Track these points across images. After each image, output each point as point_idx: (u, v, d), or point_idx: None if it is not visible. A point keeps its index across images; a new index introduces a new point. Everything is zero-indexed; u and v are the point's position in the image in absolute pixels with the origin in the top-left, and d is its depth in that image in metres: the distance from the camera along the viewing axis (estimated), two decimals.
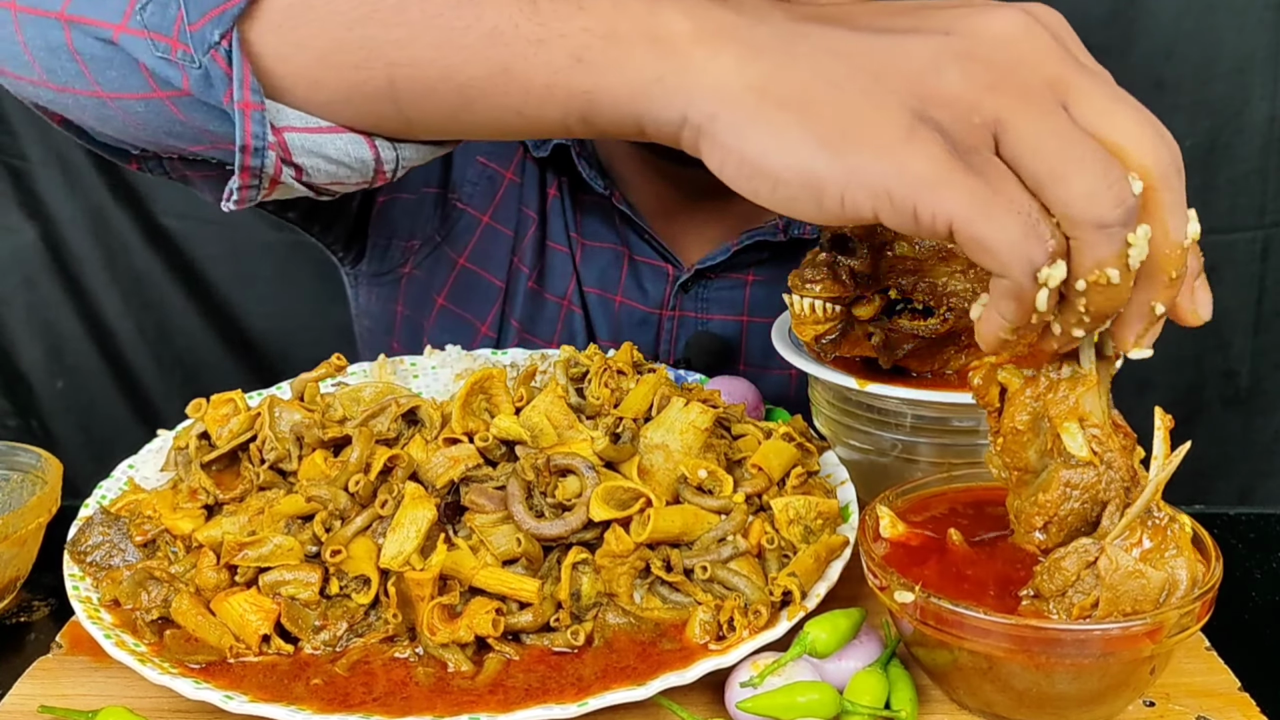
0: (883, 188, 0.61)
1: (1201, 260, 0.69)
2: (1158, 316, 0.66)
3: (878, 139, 0.62)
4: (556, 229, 1.33)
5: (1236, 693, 0.82)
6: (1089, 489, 0.73)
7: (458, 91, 0.74)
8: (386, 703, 0.78)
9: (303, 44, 0.76)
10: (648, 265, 1.31)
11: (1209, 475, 2.06)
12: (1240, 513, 1.09)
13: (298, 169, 0.80)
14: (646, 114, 0.69)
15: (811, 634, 0.81)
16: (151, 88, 0.79)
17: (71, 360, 2.08)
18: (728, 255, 1.27)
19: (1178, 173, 0.64)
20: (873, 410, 0.98)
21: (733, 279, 1.29)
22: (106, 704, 0.80)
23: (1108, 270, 0.61)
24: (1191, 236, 0.64)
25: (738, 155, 0.66)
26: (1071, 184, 0.60)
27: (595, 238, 1.33)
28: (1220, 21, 1.85)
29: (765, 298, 1.29)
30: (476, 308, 1.35)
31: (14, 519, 0.94)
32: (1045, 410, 0.73)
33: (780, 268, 1.28)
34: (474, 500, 0.87)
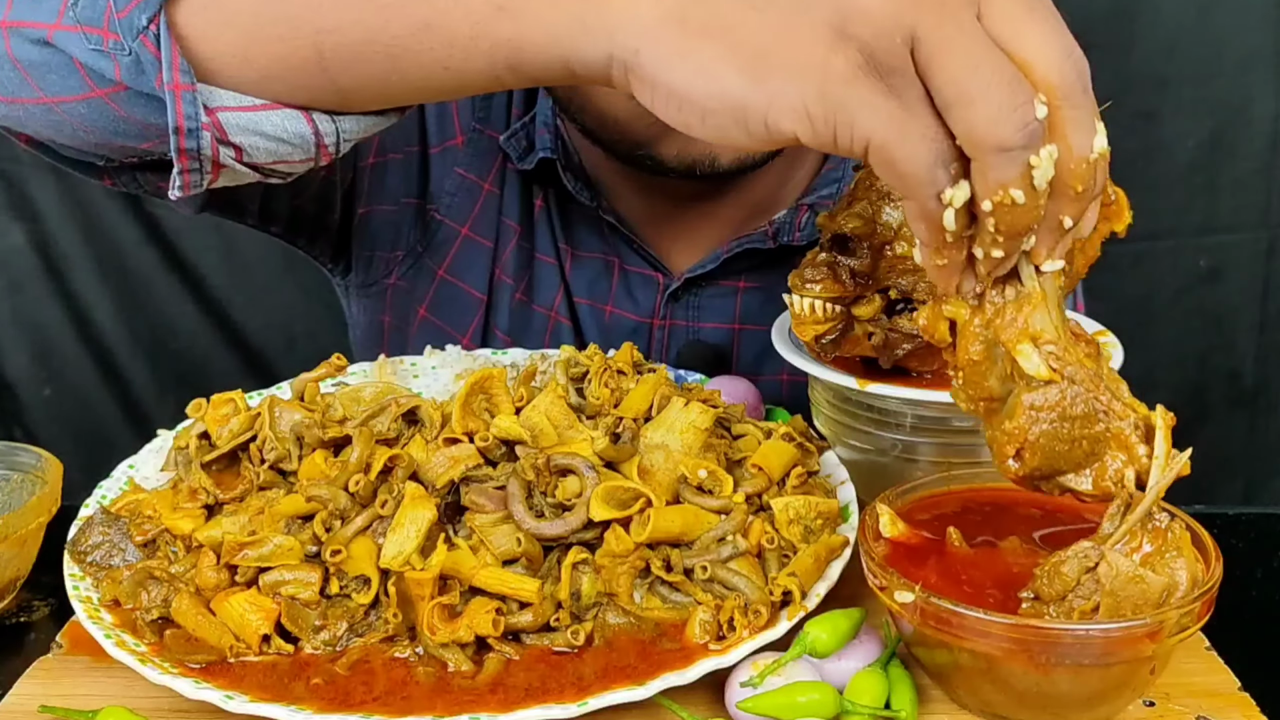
0: (804, 110, 0.62)
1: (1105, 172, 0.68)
2: (1067, 230, 0.67)
3: (798, 60, 0.63)
4: (543, 240, 1.33)
5: (1236, 693, 0.82)
6: (1055, 407, 0.72)
7: (384, 53, 0.75)
8: (387, 702, 0.78)
9: (229, 21, 0.77)
10: (638, 274, 1.30)
11: (1214, 475, 2.06)
12: (1241, 512, 1.09)
13: (236, 149, 0.81)
14: (573, 56, 0.70)
15: (811, 634, 0.81)
16: (89, 86, 0.81)
17: (60, 365, 2.05)
18: (717, 263, 1.26)
19: (1084, 89, 0.63)
20: (873, 410, 0.98)
21: (724, 286, 1.29)
22: (106, 704, 0.80)
23: (1012, 191, 0.62)
24: (1098, 151, 0.64)
25: (665, 89, 0.66)
26: (975, 108, 0.61)
27: (584, 248, 1.32)
28: (1223, 19, 1.85)
29: (757, 305, 1.29)
30: (456, 319, 1.35)
31: (14, 519, 0.94)
32: (997, 336, 0.72)
33: (771, 274, 1.28)
34: (474, 500, 0.87)
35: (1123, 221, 0.96)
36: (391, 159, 1.32)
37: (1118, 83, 1.87)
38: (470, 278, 1.34)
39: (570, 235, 1.32)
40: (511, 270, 1.33)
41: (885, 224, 0.90)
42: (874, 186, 0.91)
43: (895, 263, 0.90)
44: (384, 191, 1.33)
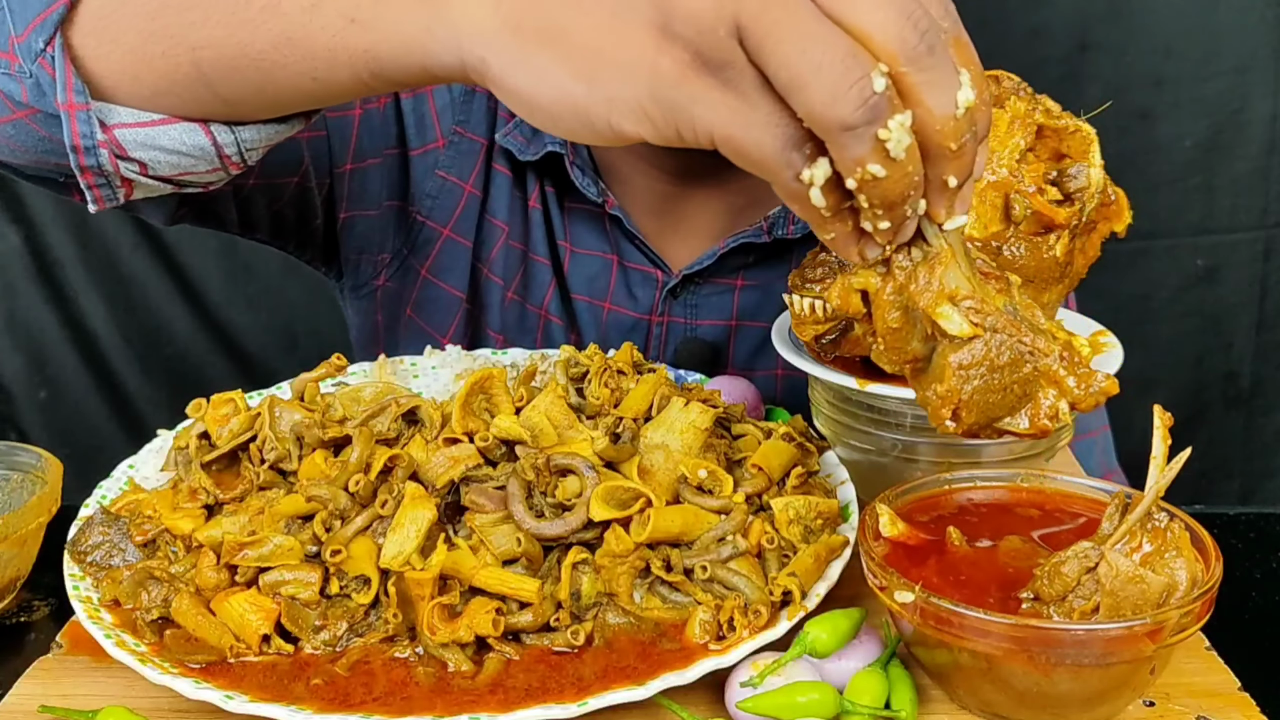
0: (642, 111, 0.63)
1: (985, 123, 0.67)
2: (953, 187, 0.65)
3: (627, 63, 0.62)
4: (537, 238, 1.33)
5: (1236, 693, 0.82)
6: (983, 362, 0.71)
7: (254, 66, 0.77)
8: (386, 702, 0.78)
9: (116, 40, 0.80)
10: (638, 271, 1.31)
11: (1211, 475, 2.07)
12: (1240, 512, 1.09)
13: (140, 164, 0.83)
14: (429, 63, 0.71)
15: (811, 634, 0.81)
16: (10, 109, 0.83)
17: (54, 369, 2.05)
18: (714, 259, 1.27)
19: (929, 49, 0.61)
20: (873, 410, 0.98)
21: (722, 284, 1.30)
22: (106, 704, 0.80)
23: (869, 167, 0.61)
24: (964, 105, 0.62)
25: (514, 94, 0.67)
26: (810, 91, 0.59)
27: (584, 245, 1.33)
28: (1221, 19, 1.85)
29: (754, 302, 1.30)
30: (438, 320, 1.35)
31: (14, 519, 0.94)
32: (913, 301, 0.71)
33: (767, 272, 1.29)
34: (474, 500, 0.87)
35: (1123, 221, 0.97)
36: (371, 164, 1.33)
37: (1115, 82, 1.87)
38: (452, 278, 1.35)
39: (570, 232, 1.33)
40: (500, 269, 1.34)
41: None
42: None
43: None
44: (365, 196, 1.34)
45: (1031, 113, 0.95)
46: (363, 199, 1.34)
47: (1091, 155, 0.94)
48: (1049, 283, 0.95)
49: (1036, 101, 0.96)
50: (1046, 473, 0.89)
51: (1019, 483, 0.89)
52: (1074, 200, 0.94)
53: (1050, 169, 0.94)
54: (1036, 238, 0.93)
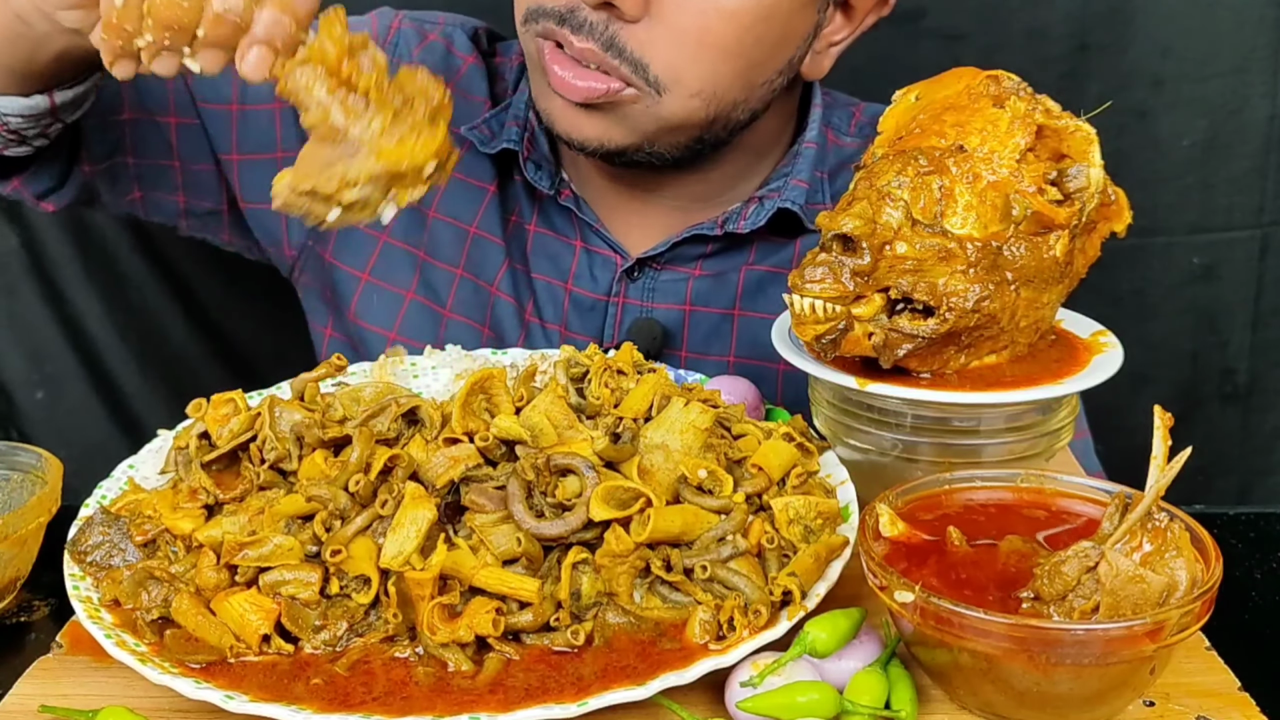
0: None
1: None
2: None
3: None
4: (491, 220, 1.37)
5: (1236, 693, 0.82)
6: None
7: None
8: (386, 702, 0.78)
9: None
10: (599, 255, 1.36)
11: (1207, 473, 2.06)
12: (1240, 512, 1.09)
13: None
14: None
15: (811, 634, 0.81)
16: None
17: (52, 369, 2.05)
18: (667, 247, 1.32)
19: None
20: (873, 410, 0.98)
21: (679, 271, 1.35)
22: (106, 704, 0.80)
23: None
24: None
25: None
26: None
27: (550, 227, 1.37)
28: (1219, 18, 1.85)
29: (708, 289, 1.34)
30: (383, 316, 1.39)
31: (14, 519, 0.94)
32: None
33: (722, 263, 1.34)
34: (474, 500, 0.87)
35: (1123, 221, 0.97)
36: (264, 158, 1.37)
37: (1115, 82, 1.87)
38: (352, 258, 1.39)
39: (538, 215, 1.38)
40: (447, 254, 1.37)
41: (885, 224, 0.90)
42: (874, 186, 0.91)
43: (895, 263, 0.90)
44: (263, 188, 1.36)
45: (1031, 113, 0.95)
46: (261, 190, 1.37)
47: (1091, 155, 0.94)
48: (1049, 283, 0.95)
49: (1036, 101, 0.96)
50: (1046, 473, 0.89)
51: (1019, 483, 0.89)
52: (1074, 200, 0.94)
53: (1050, 169, 0.94)
54: (1036, 238, 0.93)
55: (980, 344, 0.94)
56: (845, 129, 1.40)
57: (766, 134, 1.33)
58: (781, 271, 1.34)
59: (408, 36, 1.41)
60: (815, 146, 1.34)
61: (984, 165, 0.93)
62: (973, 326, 0.91)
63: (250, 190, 1.39)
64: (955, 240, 0.91)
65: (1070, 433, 0.99)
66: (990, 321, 0.92)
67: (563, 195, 1.34)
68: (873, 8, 1.28)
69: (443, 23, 1.44)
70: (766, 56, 1.19)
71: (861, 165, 0.97)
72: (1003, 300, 0.92)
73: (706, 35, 1.14)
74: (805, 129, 1.35)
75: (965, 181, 0.92)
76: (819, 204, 1.33)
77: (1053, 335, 1.01)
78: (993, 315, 0.92)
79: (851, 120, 1.41)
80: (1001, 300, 0.92)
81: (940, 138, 0.94)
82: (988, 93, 0.96)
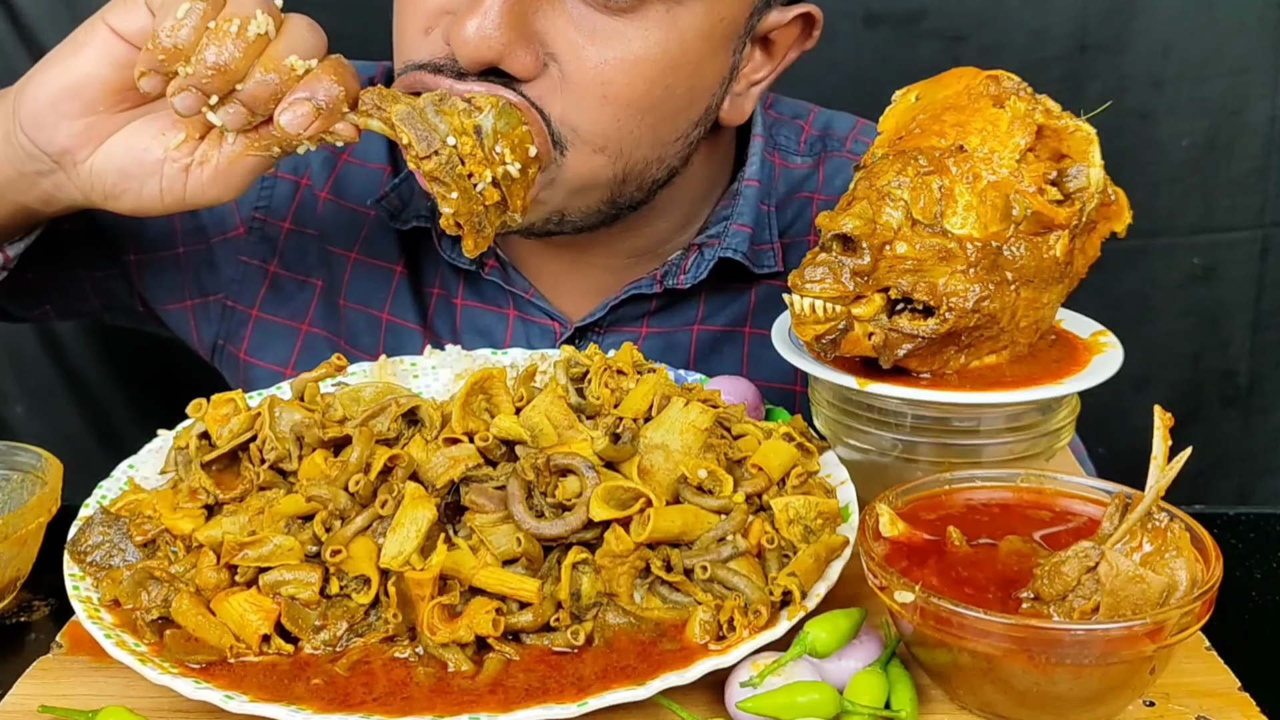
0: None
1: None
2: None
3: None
4: (403, 304, 1.31)
5: (1236, 693, 0.82)
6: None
7: None
8: (386, 703, 0.78)
9: None
10: (535, 324, 1.29)
11: (1208, 474, 2.07)
12: (1240, 512, 1.09)
13: None
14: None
15: (811, 634, 0.81)
16: None
17: (34, 383, 2.05)
18: (606, 310, 1.26)
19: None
20: (873, 410, 0.98)
21: (624, 333, 1.28)
22: (106, 704, 0.80)
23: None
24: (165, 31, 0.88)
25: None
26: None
27: (479, 299, 1.30)
28: (1220, 19, 1.85)
29: (658, 352, 1.27)
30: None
31: (14, 519, 0.94)
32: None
33: (670, 319, 1.27)
34: (474, 500, 0.87)
35: (1123, 221, 0.97)
36: (163, 255, 1.35)
37: (1115, 83, 1.87)
38: (268, 355, 1.35)
39: (463, 288, 1.31)
40: (364, 343, 1.32)
41: (885, 224, 0.90)
42: (874, 186, 0.91)
43: (895, 263, 0.90)
44: (165, 286, 1.37)
45: (1031, 113, 0.95)
46: (162, 291, 1.37)
47: (1091, 155, 0.94)
48: (1049, 283, 0.95)
49: (1036, 101, 0.96)
50: (1046, 473, 0.89)
51: (1019, 483, 0.89)
52: (1074, 200, 0.94)
53: (1050, 169, 0.95)
54: (1036, 238, 0.93)
55: (980, 344, 0.94)
56: (794, 148, 1.32)
57: (698, 182, 1.24)
58: (736, 330, 1.27)
59: None
60: (757, 184, 1.26)
61: (984, 165, 0.93)
62: (973, 326, 0.91)
63: (154, 291, 1.36)
64: (955, 240, 0.91)
65: (1070, 433, 0.99)
66: (990, 321, 0.92)
67: (487, 267, 1.27)
68: (794, 43, 1.19)
69: None
70: (678, 110, 1.10)
71: (861, 165, 0.97)
72: (1003, 300, 0.92)
73: (608, 89, 1.04)
74: (745, 163, 1.26)
75: (965, 181, 0.92)
76: (765, 244, 1.26)
77: (1053, 335, 1.01)
78: (993, 315, 0.92)
79: (800, 136, 1.33)
80: (1001, 300, 0.92)
81: (940, 138, 0.94)
82: (988, 93, 0.96)
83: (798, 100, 1.38)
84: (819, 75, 1.69)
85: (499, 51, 1.00)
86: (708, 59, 1.09)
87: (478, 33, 0.99)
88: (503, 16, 0.99)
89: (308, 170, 1.35)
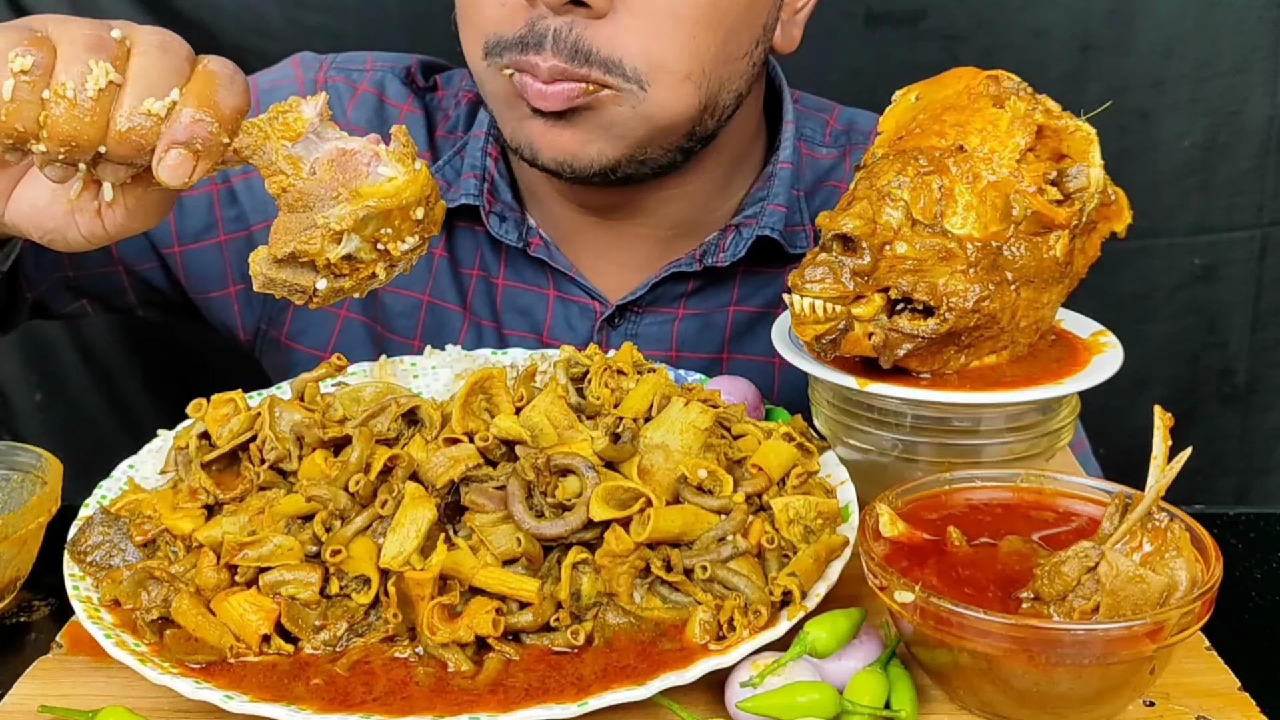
0: None
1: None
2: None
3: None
4: (444, 286, 1.32)
5: (1236, 693, 0.82)
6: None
7: None
8: (386, 703, 0.78)
9: None
10: (575, 303, 1.30)
11: (1207, 473, 2.07)
12: (1240, 512, 1.09)
13: None
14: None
15: (811, 634, 0.81)
16: None
17: (51, 369, 2.04)
18: (647, 289, 1.27)
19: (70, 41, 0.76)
20: (873, 410, 0.98)
21: (662, 313, 1.29)
22: (106, 704, 0.80)
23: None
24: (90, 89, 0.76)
25: None
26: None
27: (519, 279, 1.31)
28: (1220, 20, 1.85)
29: (695, 333, 1.29)
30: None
31: (14, 519, 0.93)
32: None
33: (706, 302, 1.29)
34: (474, 500, 0.87)
35: (1123, 221, 0.97)
36: (206, 244, 1.34)
37: (1115, 83, 1.88)
38: (308, 339, 1.36)
39: (504, 268, 1.31)
40: (401, 325, 1.33)
41: (885, 224, 0.90)
42: (874, 186, 0.91)
43: (895, 263, 0.90)
44: (208, 277, 1.36)
45: (1031, 112, 0.95)
46: (206, 278, 1.36)
47: (1091, 155, 0.94)
48: (1049, 283, 0.95)
49: (1036, 101, 0.96)
50: (1046, 472, 0.89)
51: (1019, 483, 0.89)
52: (1074, 200, 0.94)
53: (1050, 169, 0.95)
54: (1036, 238, 0.93)
55: (980, 344, 0.94)
56: (820, 139, 1.35)
57: (741, 134, 1.27)
58: (769, 312, 1.29)
59: (338, 91, 1.34)
60: (790, 166, 1.29)
61: (984, 165, 0.93)
62: (973, 326, 0.91)
63: (197, 280, 1.35)
64: (955, 240, 0.91)
65: (1070, 433, 0.99)
66: (990, 321, 0.92)
67: (532, 245, 1.28)
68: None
69: (371, 68, 1.36)
70: (742, 21, 1.14)
71: (862, 165, 0.97)
72: (1003, 300, 0.92)
73: (681, 8, 1.08)
74: (778, 147, 1.30)
75: (965, 181, 0.92)
76: (799, 225, 1.29)
77: (1053, 335, 1.01)
78: (993, 315, 0.92)
79: (825, 129, 1.36)
80: (1001, 300, 0.92)
81: (940, 138, 0.94)
82: (988, 93, 0.96)
83: (819, 98, 1.41)
84: (820, 75, 1.69)
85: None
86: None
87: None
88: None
89: None
